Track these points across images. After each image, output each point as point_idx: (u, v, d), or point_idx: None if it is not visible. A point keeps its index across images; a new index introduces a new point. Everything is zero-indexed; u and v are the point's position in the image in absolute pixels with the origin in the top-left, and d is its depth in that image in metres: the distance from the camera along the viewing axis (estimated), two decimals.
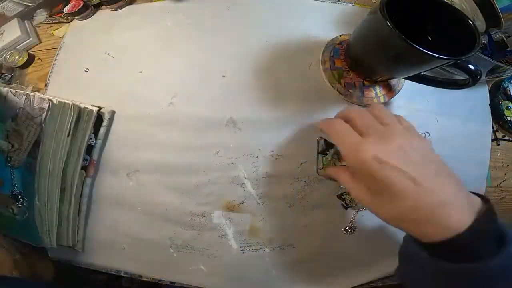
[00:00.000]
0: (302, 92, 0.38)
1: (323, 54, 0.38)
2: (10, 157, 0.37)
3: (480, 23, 0.35)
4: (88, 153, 0.38)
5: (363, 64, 0.35)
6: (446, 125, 0.40)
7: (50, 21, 0.46)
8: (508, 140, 0.43)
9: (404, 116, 0.29)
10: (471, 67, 0.29)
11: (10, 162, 0.37)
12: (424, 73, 0.33)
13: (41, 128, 0.36)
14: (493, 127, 0.42)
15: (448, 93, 0.35)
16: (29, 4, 0.45)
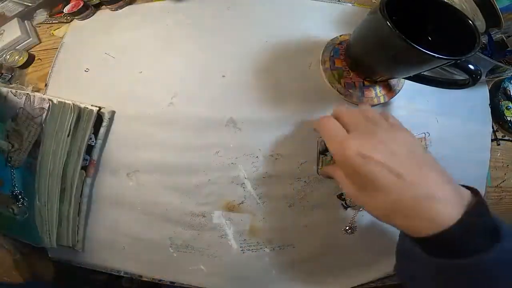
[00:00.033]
0: (302, 92, 0.38)
1: (323, 54, 0.38)
2: (11, 157, 0.37)
3: (480, 23, 0.35)
4: (88, 153, 0.38)
5: (363, 64, 0.35)
6: (446, 125, 0.40)
7: (50, 21, 0.46)
8: (508, 140, 0.43)
9: (404, 116, 0.29)
10: (471, 67, 0.29)
11: (11, 162, 0.37)
12: (424, 73, 0.33)
13: (41, 128, 0.36)
14: (493, 127, 0.42)
15: (448, 93, 0.35)
16: (29, 4, 0.45)
